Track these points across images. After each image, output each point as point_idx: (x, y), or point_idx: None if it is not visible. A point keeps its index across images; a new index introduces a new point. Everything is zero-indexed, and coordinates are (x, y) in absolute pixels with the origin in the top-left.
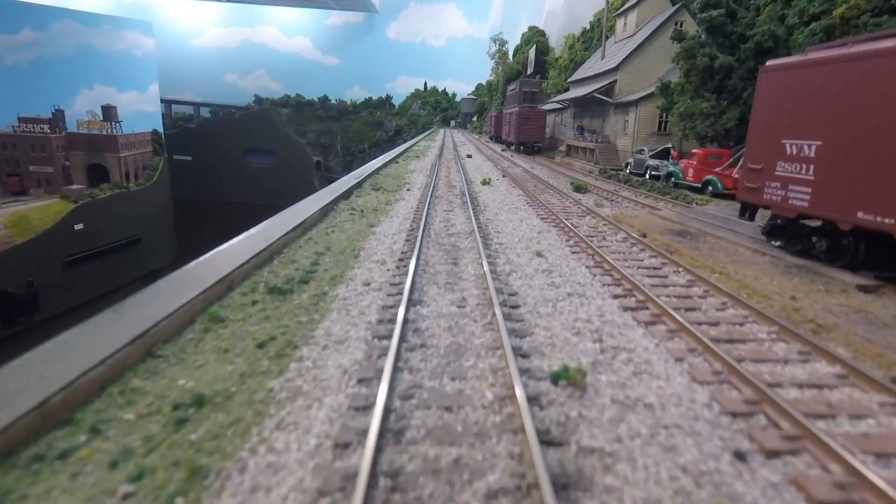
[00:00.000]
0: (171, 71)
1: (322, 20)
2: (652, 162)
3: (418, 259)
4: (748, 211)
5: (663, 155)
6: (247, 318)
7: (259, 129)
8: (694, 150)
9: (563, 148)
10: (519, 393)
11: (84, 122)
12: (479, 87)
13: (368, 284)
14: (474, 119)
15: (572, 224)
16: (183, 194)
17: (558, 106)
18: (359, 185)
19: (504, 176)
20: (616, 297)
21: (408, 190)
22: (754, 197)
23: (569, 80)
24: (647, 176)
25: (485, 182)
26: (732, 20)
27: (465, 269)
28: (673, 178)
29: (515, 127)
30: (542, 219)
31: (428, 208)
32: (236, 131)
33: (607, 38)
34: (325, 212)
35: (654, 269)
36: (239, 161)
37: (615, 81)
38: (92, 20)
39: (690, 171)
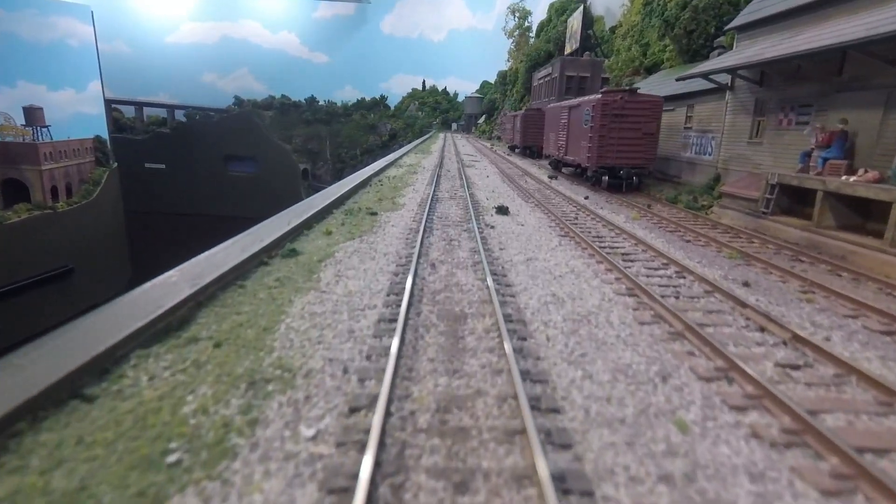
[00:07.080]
0: (141, 70)
1: (309, 13)
2: None
3: None
4: None
5: None
6: None
7: (240, 134)
8: None
9: (751, 192)
10: None
11: None
12: (484, 84)
13: None
14: (480, 121)
15: None
16: (154, 207)
17: (694, 87)
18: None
19: None
20: None
21: None
22: None
23: (730, 26)
24: None
25: None
26: None
27: None
28: None
29: (593, 137)
30: None
31: None
32: (215, 136)
33: None
34: None
35: None
36: (217, 169)
37: None
38: (13, 3)
39: None
